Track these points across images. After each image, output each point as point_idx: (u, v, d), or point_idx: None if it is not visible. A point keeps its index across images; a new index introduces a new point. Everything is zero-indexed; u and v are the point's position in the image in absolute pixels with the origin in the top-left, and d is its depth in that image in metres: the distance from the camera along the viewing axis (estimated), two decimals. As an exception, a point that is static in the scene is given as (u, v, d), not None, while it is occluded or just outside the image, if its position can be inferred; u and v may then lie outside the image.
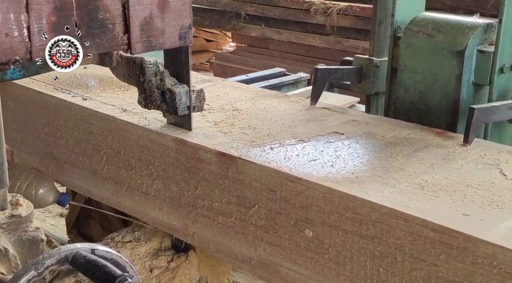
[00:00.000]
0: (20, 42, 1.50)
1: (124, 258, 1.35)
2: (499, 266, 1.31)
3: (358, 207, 1.55)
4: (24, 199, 1.61)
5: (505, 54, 2.06)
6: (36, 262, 1.29)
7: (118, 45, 1.71)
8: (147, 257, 2.29)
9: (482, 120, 1.91)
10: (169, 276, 2.28)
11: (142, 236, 2.35)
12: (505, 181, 1.63)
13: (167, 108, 1.96)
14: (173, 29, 1.82)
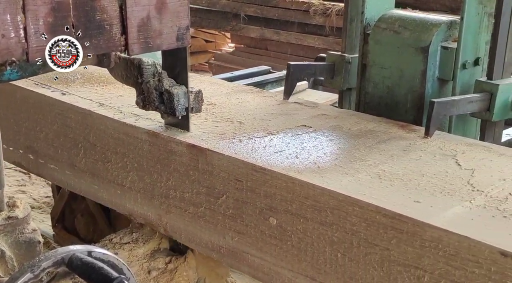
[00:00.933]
0: (16, 43, 1.49)
1: (121, 260, 1.35)
2: (444, 249, 1.38)
3: (317, 195, 1.62)
4: (21, 201, 1.62)
5: (467, 50, 2.14)
6: (32, 264, 1.28)
7: (115, 46, 1.71)
8: (145, 259, 2.30)
9: (443, 113, 1.98)
10: (167, 277, 2.29)
11: (140, 237, 2.36)
12: (459, 170, 1.70)
13: (165, 109, 1.96)
14: (171, 30, 1.81)
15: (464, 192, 1.57)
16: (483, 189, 1.58)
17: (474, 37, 2.14)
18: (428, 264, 1.42)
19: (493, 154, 1.82)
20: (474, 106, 2.06)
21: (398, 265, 1.48)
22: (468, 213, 1.46)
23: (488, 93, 2.08)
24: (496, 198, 1.53)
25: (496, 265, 1.30)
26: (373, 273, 1.54)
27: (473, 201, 1.52)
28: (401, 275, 1.48)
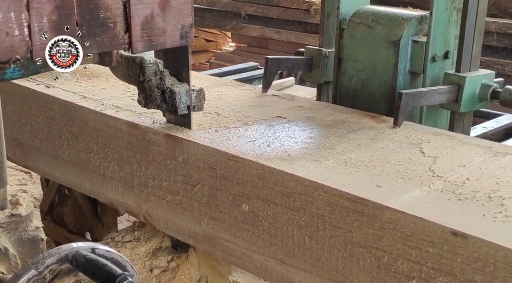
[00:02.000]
0: (20, 41, 1.49)
1: (124, 257, 1.35)
2: (402, 230, 1.46)
3: (286, 182, 1.70)
4: (24, 199, 1.62)
5: (437, 44, 2.21)
6: (36, 261, 1.28)
7: (119, 44, 1.70)
8: (147, 257, 2.32)
9: (411, 104, 2.06)
10: (169, 276, 2.31)
11: (142, 236, 2.38)
12: (422, 158, 1.78)
13: (167, 108, 1.96)
14: (175, 28, 1.81)
15: (424, 177, 1.65)
16: (442, 175, 1.66)
17: (443, 31, 2.22)
18: (387, 245, 1.50)
19: (456, 143, 1.90)
20: (442, 97, 2.14)
21: (360, 247, 1.56)
22: (426, 197, 1.54)
23: (456, 85, 2.16)
24: (454, 183, 1.61)
25: (448, 244, 1.38)
26: (337, 254, 1.61)
27: (431, 185, 1.60)
28: (363, 256, 1.55)
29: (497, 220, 1.41)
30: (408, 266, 1.46)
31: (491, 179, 1.62)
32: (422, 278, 1.44)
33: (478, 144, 1.89)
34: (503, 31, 4.74)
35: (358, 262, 1.57)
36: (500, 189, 1.56)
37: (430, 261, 1.42)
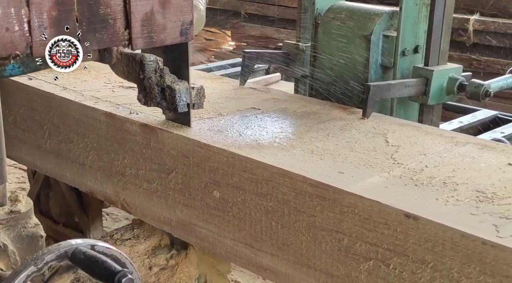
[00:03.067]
0: (20, 36, 1.48)
1: (124, 254, 1.34)
2: (359, 213, 1.53)
3: (254, 168, 1.77)
4: (23, 196, 1.62)
5: (407, 38, 2.28)
6: (35, 258, 1.27)
7: (119, 40, 1.69)
8: (146, 255, 2.34)
9: (379, 96, 2.13)
10: (168, 274, 2.32)
11: (141, 233, 2.39)
12: (385, 147, 1.85)
13: (167, 105, 1.95)
14: (175, 25, 1.80)
15: (385, 165, 1.72)
16: (403, 162, 1.73)
17: (413, 26, 2.29)
18: (347, 227, 1.57)
19: (420, 133, 1.97)
20: (410, 90, 2.21)
21: (322, 230, 1.63)
22: (384, 182, 1.61)
23: (424, 78, 2.23)
24: (412, 170, 1.68)
25: (401, 226, 1.45)
26: (301, 238, 1.68)
27: (391, 172, 1.67)
28: (325, 239, 1.62)
29: (448, 204, 1.48)
30: (365, 247, 1.54)
31: (448, 167, 1.69)
32: (378, 259, 1.51)
33: (441, 134, 1.97)
34: (503, 31, 4.78)
35: (320, 245, 1.64)
36: (456, 175, 1.64)
37: (386, 243, 1.49)
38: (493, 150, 1.81)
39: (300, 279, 1.72)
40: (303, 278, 1.71)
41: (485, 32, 4.81)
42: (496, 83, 2.36)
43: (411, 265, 1.45)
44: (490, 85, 2.24)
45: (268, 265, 1.80)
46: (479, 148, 1.83)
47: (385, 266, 1.50)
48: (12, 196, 1.59)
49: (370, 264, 1.53)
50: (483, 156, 1.77)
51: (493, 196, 1.51)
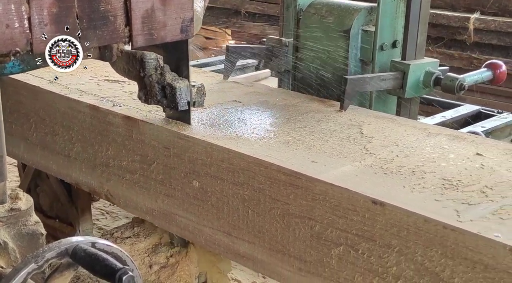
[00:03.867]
0: (20, 33, 1.48)
1: (124, 252, 1.34)
2: (330, 200, 1.58)
3: (231, 158, 1.82)
4: (23, 193, 1.63)
5: (385, 33, 2.34)
6: (36, 255, 1.26)
7: (119, 37, 1.69)
8: (146, 253, 2.32)
9: (356, 89, 2.18)
10: (168, 272, 2.32)
11: (142, 232, 2.37)
12: (360, 138, 1.91)
13: (167, 103, 1.95)
14: (175, 22, 1.80)
15: (357, 154, 1.77)
16: (375, 152, 1.78)
17: (391, 21, 2.34)
18: (318, 214, 1.62)
19: (395, 125, 2.02)
20: (387, 83, 2.26)
21: (296, 217, 1.68)
22: (355, 171, 1.66)
23: (401, 72, 2.28)
24: (383, 159, 1.73)
25: (369, 212, 1.50)
26: (276, 225, 1.74)
27: (363, 161, 1.72)
28: (298, 226, 1.68)
29: (415, 191, 1.54)
30: (336, 233, 1.59)
31: (418, 156, 1.75)
32: (348, 244, 1.57)
33: (415, 125, 2.02)
34: (503, 29, 4.75)
35: (294, 232, 1.69)
36: (425, 164, 1.69)
37: (355, 229, 1.54)
38: (463, 141, 1.87)
39: (275, 265, 1.78)
40: (278, 264, 1.77)
41: (485, 31, 4.78)
42: (471, 77, 2.41)
43: (378, 249, 1.50)
44: (464, 79, 2.30)
45: (245, 252, 1.86)
46: (450, 139, 1.89)
47: (354, 251, 1.56)
48: (13, 194, 1.59)
49: (340, 249, 1.59)
50: (453, 146, 1.82)
51: (458, 183, 1.56)
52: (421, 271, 1.42)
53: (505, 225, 1.35)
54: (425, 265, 1.41)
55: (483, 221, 1.37)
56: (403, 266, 1.46)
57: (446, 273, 1.38)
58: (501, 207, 1.43)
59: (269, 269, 1.81)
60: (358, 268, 1.56)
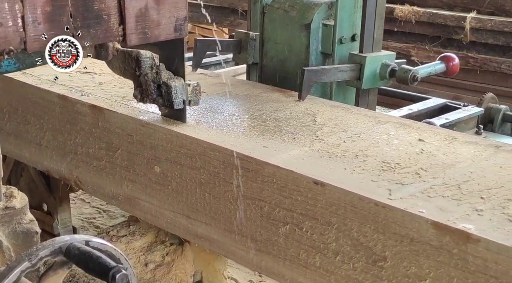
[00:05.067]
0: (14, 32, 1.48)
1: (118, 250, 1.34)
2: (277, 182, 1.69)
3: (189, 144, 1.91)
4: (18, 191, 1.63)
5: (344, 27, 2.44)
6: (29, 253, 1.26)
7: (113, 36, 1.69)
8: (141, 252, 2.32)
9: (313, 80, 2.28)
10: (164, 270, 2.32)
11: (137, 230, 2.38)
12: (312, 125, 2.01)
13: (163, 102, 1.95)
14: (169, 21, 1.80)
15: (308, 140, 1.88)
16: (324, 138, 1.89)
17: (349, 15, 2.44)
18: (267, 196, 1.72)
19: (348, 113, 2.13)
20: (345, 75, 2.37)
21: (247, 199, 1.78)
22: (302, 155, 1.76)
23: (358, 64, 2.39)
24: (331, 145, 1.84)
25: (311, 192, 1.61)
26: (230, 207, 1.84)
27: (311, 146, 1.83)
28: (249, 207, 1.78)
29: (354, 173, 1.64)
30: (283, 213, 1.69)
31: (364, 142, 1.85)
32: (293, 223, 1.67)
33: (367, 114, 2.13)
34: (499, 29, 4.80)
35: (245, 213, 1.79)
36: (368, 149, 1.80)
37: (299, 208, 1.65)
38: (409, 128, 1.97)
39: (229, 245, 1.88)
40: (232, 244, 1.87)
41: (481, 30, 4.83)
42: (424, 69, 2.52)
43: (319, 227, 1.61)
44: (418, 70, 2.40)
45: (203, 233, 1.95)
46: (397, 126, 1.99)
47: (299, 229, 1.66)
48: (7, 192, 1.60)
49: (287, 228, 1.69)
50: (398, 133, 1.93)
51: (396, 166, 1.67)
52: (357, 246, 1.53)
53: (431, 202, 1.45)
54: (360, 241, 1.52)
55: (412, 199, 1.47)
56: (341, 242, 1.56)
57: (378, 247, 1.48)
58: (431, 186, 1.53)
59: (224, 249, 1.91)
60: (303, 245, 1.66)
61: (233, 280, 2.79)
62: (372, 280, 1.51)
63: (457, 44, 4.97)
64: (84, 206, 3.73)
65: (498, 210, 1.40)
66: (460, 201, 1.45)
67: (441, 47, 5.01)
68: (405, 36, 5.22)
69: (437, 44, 5.00)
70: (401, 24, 5.15)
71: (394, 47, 5.12)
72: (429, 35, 5.05)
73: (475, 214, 1.39)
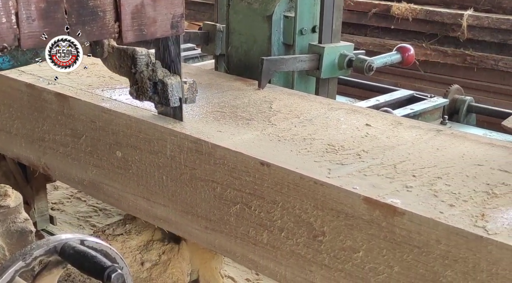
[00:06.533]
0: (8, 28, 1.46)
1: (114, 249, 1.32)
2: (228, 164, 1.77)
3: (147, 129, 1.99)
4: (12, 190, 1.65)
5: (304, 19, 2.53)
6: (24, 253, 1.24)
7: (109, 33, 1.67)
8: (138, 250, 2.31)
9: (272, 69, 2.37)
10: (160, 269, 2.32)
11: (133, 229, 2.36)
12: (268, 111, 2.10)
13: (159, 100, 1.94)
14: (165, 18, 1.79)
15: (261, 125, 1.96)
16: (276, 123, 1.97)
17: (309, 7, 2.53)
18: (219, 177, 1.81)
19: (303, 100, 2.21)
20: (304, 64, 2.45)
21: (201, 181, 1.87)
22: (253, 139, 1.85)
23: (317, 54, 2.47)
24: (282, 129, 1.92)
25: (258, 172, 1.69)
26: (186, 189, 1.92)
27: (263, 131, 1.91)
28: (203, 188, 1.86)
29: (299, 154, 1.73)
30: (233, 193, 1.78)
31: (314, 126, 1.94)
32: (243, 202, 1.76)
33: (321, 102, 2.22)
34: (496, 26, 4.81)
35: (200, 194, 1.88)
36: (316, 133, 1.88)
37: (248, 188, 1.73)
38: (359, 114, 2.06)
39: (186, 226, 1.96)
40: (189, 224, 1.95)
41: (479, 28, 4.84)
42: (380, 59, 2.62)
43: (266, 206, 1.69)
44: (373, 60, 2.50)
45: (162, 215, 2.04)
46: (348, 112, 2.08)
47: (248, 208, 1.74)
48: (1, 191, 1.63)
49: (237, 207, 1.78)
50: (348, 118, 2.02)
51: (340, 148, 1.76)
52: (299, 222, 1.62)
53: (366, 180, 1.54)
54: (302, 217, 1.61)
55: (348, 177, 1.56)
56: (286, 219, 1.65)
57: (317, 223, 1.57)
58: (369, 166, 1.63)
59: (182, 229, 1.99)
60: (252, 223, 1.75)
61: (230, 279, 2.83)
62: (313, 254, 1.60)
63: (454, 41, 5.00)
64: (80, 204, 3.75)
65: (426, 187, 1.49)
66: (393, 179, 1.55)
67: (438, 45, 5.04)
68: (402, 34, 5.23)
69: (434, 41, 5.02)
70: (398, 21, 5.18)
71: (391, 44, 5.06)
72: (426, 33, 5.07)
73: (405, 190, 1.48)
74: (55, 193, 3.83)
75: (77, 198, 3.82)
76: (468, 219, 1.33)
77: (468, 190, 1.47)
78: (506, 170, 1.57)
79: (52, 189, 3.81)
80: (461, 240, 1.29)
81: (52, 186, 3.80)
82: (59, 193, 3.83)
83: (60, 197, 3.80)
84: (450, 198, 1.43)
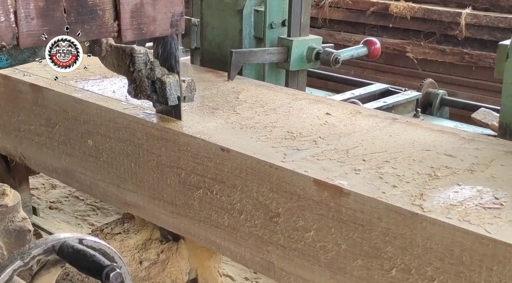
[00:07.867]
0: (6, 27, 1.46)
1: (112, 248, 1.32)
2: (191, 150, 1.85)
3: (116, 118, 2.07)
4: (10, 189, 1.66)
5: (273, 13, 2.60)
6: (22, 252, 1.24)
7: (108, 32, 1.67)
8: (136, 249, 2.32)
9: (241, 61, 2.45)
10: (158, 268, 2.32)
11: (132, 228, 2.37)
12: (234, 101, 2.17)
13: (157, 98, 1.93)
14: (165, 17, 1.78)
15: (226, 114, 2.04)
16: (241, 112, 2.05)
17: (279, 2, 2.61)
18: (184, 163, 1.88)
19: (269, 91, 2.29)
20: (273, 57, 2.53)
21: (167, 167, 1.94)
22: (217, 126, 1.93)
23: (285, 47, 2.55)
24: (245, 118, 2.00)
25: (219, 158, 1.77)
26: (153, 175, 2.00)
27: (227, 119, 1.99)
28: (169, 174, 1.94)
29: (259, 141, 1.81)
30: (196, 178, 1.85)
31: (276, 115, 2.02)
32: (205, 187, 1.84)
33: (287, 92, 2.29)
34: (495, 25, 4.80)
35: (166, 180, 1.96)
36: (278, 121, 1.96)
37: (210, 173, 1.81)
38: (321, 104, 2.15)
39: (153, 211, 2.04)
40: (156, 210, 2.03)
41: (477, 26, 4.83)
42: (347, 52, 2.70)
43: (226, 190, 1.77)
44: (339, 53, 2.58)
45: (131, 201, 2.11)
46: (311, 102, 2.16)
47: (210, 192, 1.82)
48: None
49: (200, 192, 1.85)
50: (310, 108, 2.10)
51: (298, 135, 1.84)
52: (257, 205, 1.70)
53: (318, 164, 1.63)
54: (259, 200, 1.69)
55: (302, 161, 1.65)
56: (244, 202, 1.73)
57: (273, 205, 1.65)
58: (322, 151, 1.71)
59: (150, 215, 2.07)
60: (214, 207, 1.82)
61: (228, 277, 2.85)
62: (269, 235, 1.68)
63: (452, 40, 5.00)
64: (79, 203, 3.72)
65: (373, 170, 1.58)
66: (343, 163, 1.63)
67: (436, 43, 5.04)
68: (400, 32, 5.23)
69: (432, 40, 5.02)
70: (396, 20, 5.17)
71: (389, 43, 5.14)
72: (424, 31, 5.07)
73: (353, 173, 1.56)
74: (53, 192, 3.81)
75: (75, 197, 3.79)
76: (408, 198, 1.41)
77: (412, 173, 1.56)
78: (451, 155, 1.66)
79: (50, 188, 3.81)
80: (400, 217, 1.37)
81: (50, 185, 3.81)
82: (57, 192, 3.80)
83: (58, 196, 3.77)
84: (394, 180, 1.52)
